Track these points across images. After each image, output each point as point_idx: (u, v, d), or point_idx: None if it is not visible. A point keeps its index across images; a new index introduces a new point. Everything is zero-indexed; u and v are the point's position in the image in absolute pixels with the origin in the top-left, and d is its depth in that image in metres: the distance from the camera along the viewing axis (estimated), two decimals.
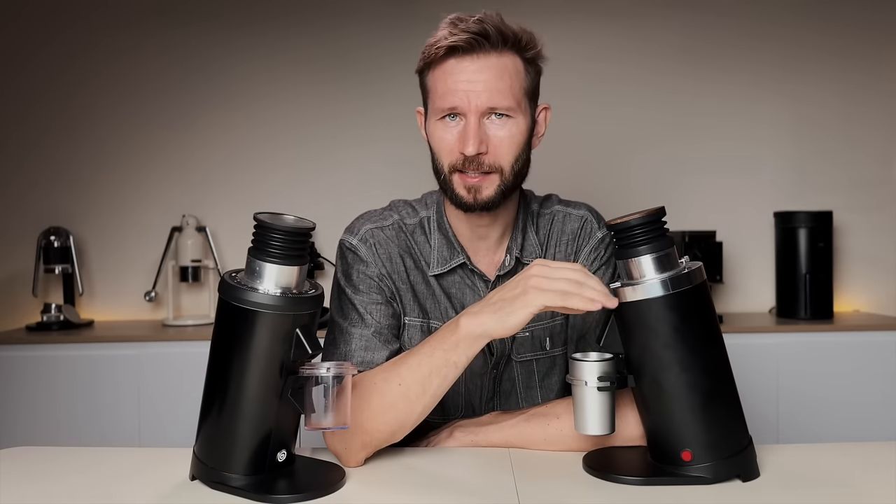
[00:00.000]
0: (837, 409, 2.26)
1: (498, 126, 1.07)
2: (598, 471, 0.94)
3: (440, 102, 1.07)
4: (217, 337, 0.90)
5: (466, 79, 1.05)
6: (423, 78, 1.12)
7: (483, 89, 1.04)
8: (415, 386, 0.97)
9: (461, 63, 1.05)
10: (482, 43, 1.04)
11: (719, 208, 2.66)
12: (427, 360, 0.97)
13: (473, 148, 1.04)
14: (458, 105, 1.05)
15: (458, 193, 1.09)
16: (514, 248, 1.17)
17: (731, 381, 0.94)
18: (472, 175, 1.07)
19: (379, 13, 2.67)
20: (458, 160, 1.07)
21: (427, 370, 0.97)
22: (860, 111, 2.68)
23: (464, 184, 1.08)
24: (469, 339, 0.94)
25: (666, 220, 0.92)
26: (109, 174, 2.68)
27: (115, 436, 2.24)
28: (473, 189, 1.08)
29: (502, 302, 0.93)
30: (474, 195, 1.08)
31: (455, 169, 1.08)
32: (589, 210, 1.23)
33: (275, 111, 2.69)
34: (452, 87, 1.05)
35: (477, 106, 1.05)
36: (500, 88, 1.05)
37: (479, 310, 0.95)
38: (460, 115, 1.06)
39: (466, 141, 1.05)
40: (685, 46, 2.68)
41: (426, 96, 1.12)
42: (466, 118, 1.06)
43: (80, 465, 1.02)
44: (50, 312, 2.48)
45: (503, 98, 1.05)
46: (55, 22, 2.67)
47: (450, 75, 1.06)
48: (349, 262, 1.15)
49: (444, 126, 1.08)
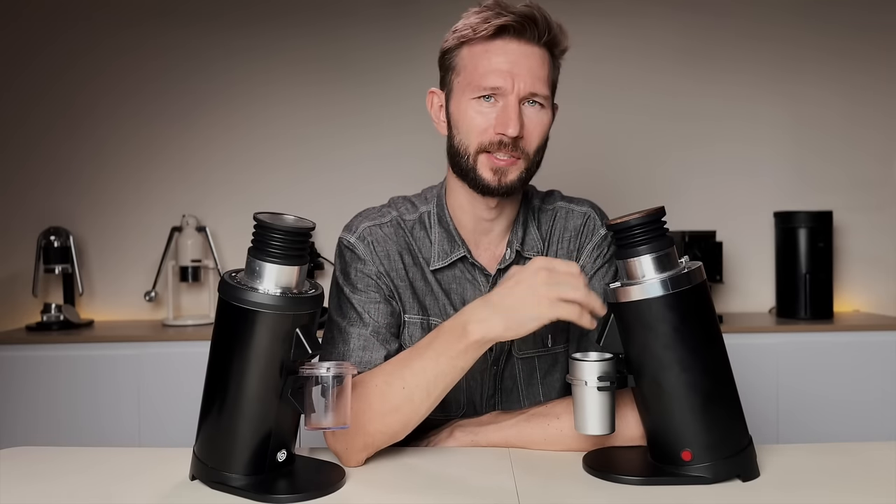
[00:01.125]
0: (837, 409, 2.26)
1: (533, 112, 1.08)
2: (598, 471, 0.94)
3: (480, 80, 1.06)
4: (217, 337, 0.90)
5: (514, 60, 1.05)
6: (452, 57, 1.11)
7: (528, 73, 1.05)
8: (419, 390, 0.97)
9: (509, 44, 1.06)
10: (532, 28, 1.05)
11: (719, 208, 2.66)
12: (432, 365, 0.96)
13: (515, 129, 1.04)
14: (501, 85, 1.05)
15: (482, 175, 1.09)
16: (515, 242, 1.17)
17: (731, 381, 0.94)
18: (502, 157, 1.07)
19: (378, 14, 2.67)
20: (492, 141, 1.07)
21: (432, 374, 0.96)
22: (860, 111, 2.68)
23: (491, 165, 1.08)
24: (478, 345, 0.94)
25: (666, 220, 0.92)
26: (110, 174, 2.68)
27: (115, 436, 2.24)
28: (500, 171, 1.08)
29: (513, 310, 0.92)
30: (500, 178, 1.08)
31: (484, 150, 1.08)
32: (592, 207, 1.23)
33: (275, 111, 2.69)
34: (497, 66, 1.05)
35: (520, 89, 1.05)
36: (541, 76, 1.07)
37: (488, 315, 0.93)
38: (498, 96, 1.06)
39: (508, 122, 1.05)
40: (685, 47, 2.68)
41: (456, 74, 1.11)
42: (506, 99, 1.06)
43: (80, 465, 1.02)
44: (50, 312, 2.48)
45: (543, 86, 1.07)
46: (56, 22, 2.67)
47: (495, 55, 1.06)
48: (347, 261, 1.15)
49: (478, 105, 1.07)
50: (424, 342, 0.99)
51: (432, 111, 1.17)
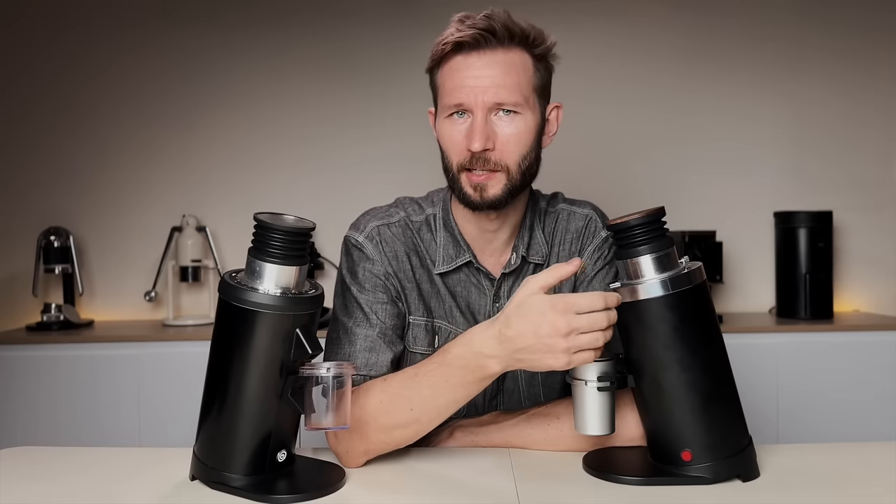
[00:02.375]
0: (837, 409, 2.26)
1: (505, 123, 1.06)
2: (598, 471, 0.94)
3: (447, 99, 1.07)
4: (217, 337, 0.90)
5: (473, 74, 1.04)
6: (432, 77, 1.12)
7: (489, 85, 1.04)
8: (429, 413, 0.96)
9: (468, 59, 1.05)
10: (489, 39, 1.04)
11: (719, 208, 2.66)
12: (444, 393, 0.95)
13: (479, 144, 1.03)
14: (464, 101, 1.05)
15: (466, 192, 1.08)
16: (521, 247, 1.17)
17: (731, 381, 0.94)
18: (479, 173, 1.06)
19: (381, 14, 2.67)
20: (466, 158, 1.06)
21: (444, 402, 0.96)
22: (860, 111, 2.68)
23: (470, 182, 1.07)
24: (496, 376, 0.94)
25: (666, 220, 0.92)
26: (110, 174, 2.68)
27: (115, 436, 2.23)
28: (480, 187, 1.07)
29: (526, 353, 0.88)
30: (480, 193, 1.07)
31: (463, 168, 1.07)
32: (593, 209, 1.23)
33: (275, 111, 2.69)
34: (459, 83, 1.05)
35: (483, 102, 1.04)
36: (506, 84, 1.04)
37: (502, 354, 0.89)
38: (467, 111, 1.06)
39: (472, 137, 1.04)
40: (686, 46, 2.68)
41: (436, 95, 1.12)
42: (473, 114, 1.05)
43: (80, 465, 1.02)
44: (50, 312, 2.48)
45: (510, 94, 1.04)
46: (57, 22, 2.67)
47: (456, 72, 1.06)
48: (355, 260, 1.14)
49: (451, 123, 1.07)
50: (433, 368, 0.96)
51: (433, 130, 1.16)
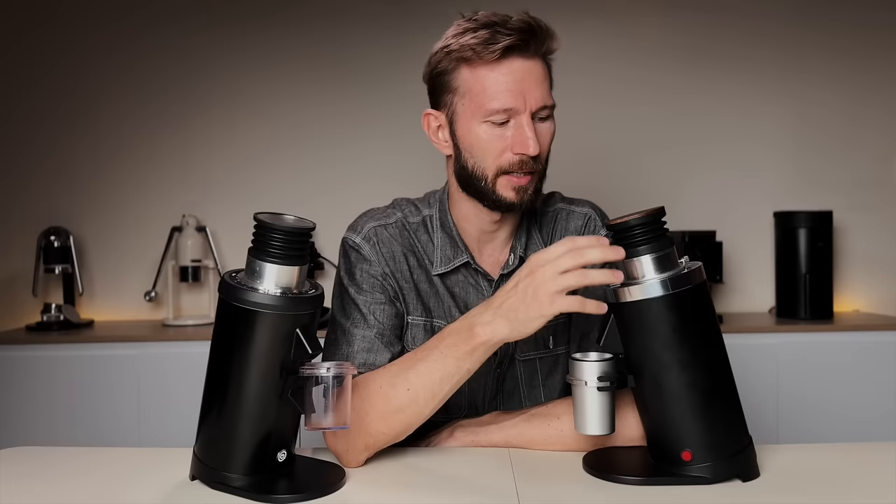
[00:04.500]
0: (837, 409, 2.26)
1: (542, 126, 1.08)
2: (598, 471, 0.94)
3: (490, 103, 1.04)
4: (217, 337, 0.90)
5: (521, 78, 1.04)
6: (449, 78, 1.08)
7: (536, 88, 1.05)
8: (424, 392, 0.97)
9: (514, 62, 1.04)
10: (534, 42, 1.05)
11: (719, 208, 2.66)
12: (438, 367, 0.96)
13: (536, 149, 1.05)
14: (514, 106, 1.04)
15: (504, 196, 1.08)
16: (519, 248, 1.17)
17: (731, 381, 0.94)
18: (522, 176, 1.07)
19: (378, 12, 2.67)
20: (512, 162, 1.06)
21: (438, 376, 0.96)
22: (861, 111, 2.68)
23: (512, 185, 1.08)
24: (485, 347, 0.94)
25: (666, 220, 0.92)
26: (109, 174, 2.68)
27: (115, 436, 2.24)
28: (522, 190, 1.08)
29: (515, 310, 0.92)
30: (522, 195, 1.08)
31: (503, 171, 1.07)
32: (592, 207, 1.23)
33: (275, 110, 2.69)
34: (507, 87, 1.04)
35: (532, 105, 1.05)
36: (545, 88, 1.07)
37: (492, 318, 0.93)
38: (513, 116, 1.05)
39: (527, 142, 1.04)
40: (686, 46, 2.68)
41: (459, 97, 1.08)
42: (518, 119, 1.05)
43: (80, 465, 1.02)
44: (50, 312, 2.48)
45: (549, 97, 1.08)
46: (55, 22, 2.66)
47: (503, 75, 1.04)
48: (352, 261, 1.14)
49: (490, 129, 1.06)
50: (430, 344, 0.99)
51: (430, 132, 1.15)
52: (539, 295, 0.90)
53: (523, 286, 0.92)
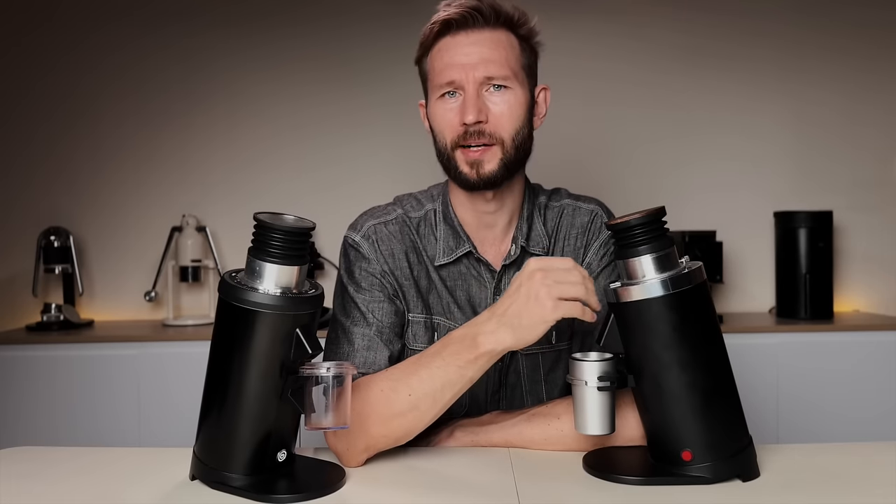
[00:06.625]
0: (837, 409, 2.26)
1: (497, 97, 1.08)
2: (598, 471, 0.94)
3: (438, 79, 1.09)
4: (217, 337, 0.90)
5: (462, 52, 1.08)
6: (421, 65, 1.16)
7: (479, 60, 1.07)
8: (426, 399, 0.97)
9: (456, 38, 1.09)
10: (476, 17, 1.07)
11: (719, 208, 2.66)
12: (440, 374, 0.96)
13: (473, 115, 1.06)
14: (455, 78, 1.07)
15: (461, 171, 1.10)
16: (520, 238, 1.17)
17: (731, 380, 0.94)
18: (474, 148, 1.08)
19: (379, 12, 2.67)
20: (460, 133, 1.08)
21: (440, 383, 0.96)
22: (861, 111, 2.68)
23: (466, 159, 1.09)
24: (488, 356, 0.95)
25: (666, 220, 0.92)
26: (110, 174, 2.68)
27: (115, 436, 2.24)
28: (476, 164, 1.08)
29: (517, 317, 0.92)
30: (477, 170, 1.09)
31: (457, 144, 1.09)
32: (599, 205, 1.23)
33: (275, 110, 2.69)
34: (449, 61, 1.08)
35: (474, 77, 1.07)
36: (495, 59, 1.08)
37: (496, 327, 0.94)
38: (459, 89, 1.08)
39: (466, 110, 1.07)
40: (686, 45, 2.68)
41: (426, 81, 1.15)
42: (465, 90, 1.08)
43: (80, 465, 1.02)
44: (50, 312, 2.48)
45: (499, 68, 1.07)
46: (55, 22, 2.66)
47: (446, 51, 1.09)
48: (352, 260, 1.15)
49: (443, 104, 1.10)
50: (433, 351, 0.99)
51: (424, 123, 1.19)
52: (542, 299, 0.91)
53: (525, 290, 0.92)
